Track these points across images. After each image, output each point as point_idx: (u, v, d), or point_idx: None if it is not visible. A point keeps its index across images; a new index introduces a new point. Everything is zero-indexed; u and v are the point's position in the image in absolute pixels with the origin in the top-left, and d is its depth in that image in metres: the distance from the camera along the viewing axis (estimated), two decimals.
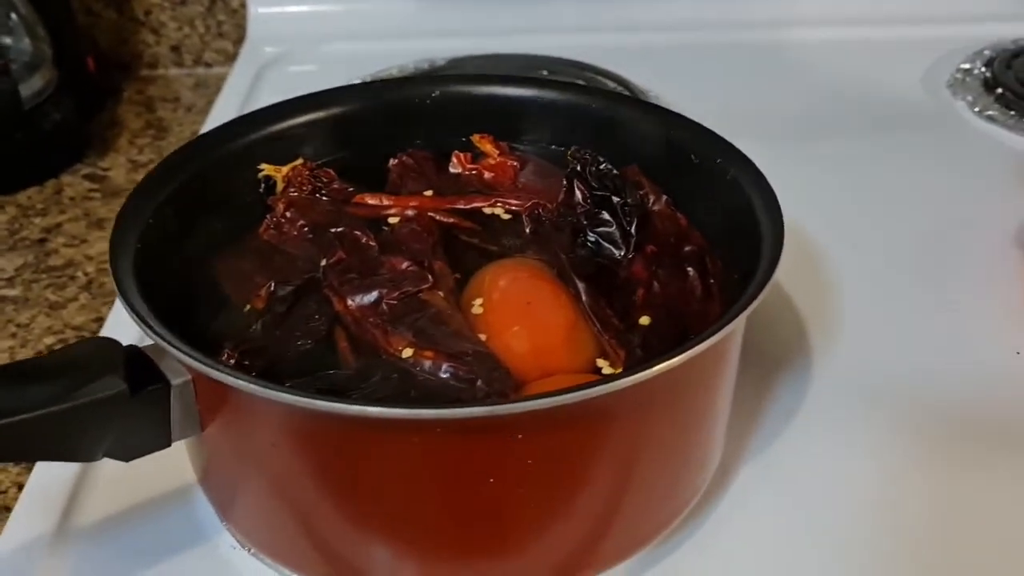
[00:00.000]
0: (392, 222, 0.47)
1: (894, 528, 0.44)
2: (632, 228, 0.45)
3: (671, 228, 0.46)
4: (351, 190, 0.49)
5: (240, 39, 0.89)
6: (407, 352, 0.40)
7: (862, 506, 0.45)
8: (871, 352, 0.53)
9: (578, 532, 0.39)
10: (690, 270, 0.44)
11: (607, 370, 0.40)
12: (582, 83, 0.75)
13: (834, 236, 0.61)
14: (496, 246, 0.46)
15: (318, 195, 0.48)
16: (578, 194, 0.46)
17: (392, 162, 0.51)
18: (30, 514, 0.45)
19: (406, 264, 0.43)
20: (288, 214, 0.47)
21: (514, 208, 0.48)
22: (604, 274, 0.44)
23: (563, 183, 0.47)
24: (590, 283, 0.43)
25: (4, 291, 0.63)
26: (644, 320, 0.42)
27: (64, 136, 0.76)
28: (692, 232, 0.46)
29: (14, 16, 0.74)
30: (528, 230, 0.47)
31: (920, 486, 0.46)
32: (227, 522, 0.43)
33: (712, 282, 0.43)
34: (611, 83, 0.77)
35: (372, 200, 0.48)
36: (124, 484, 0.45)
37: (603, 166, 0.46)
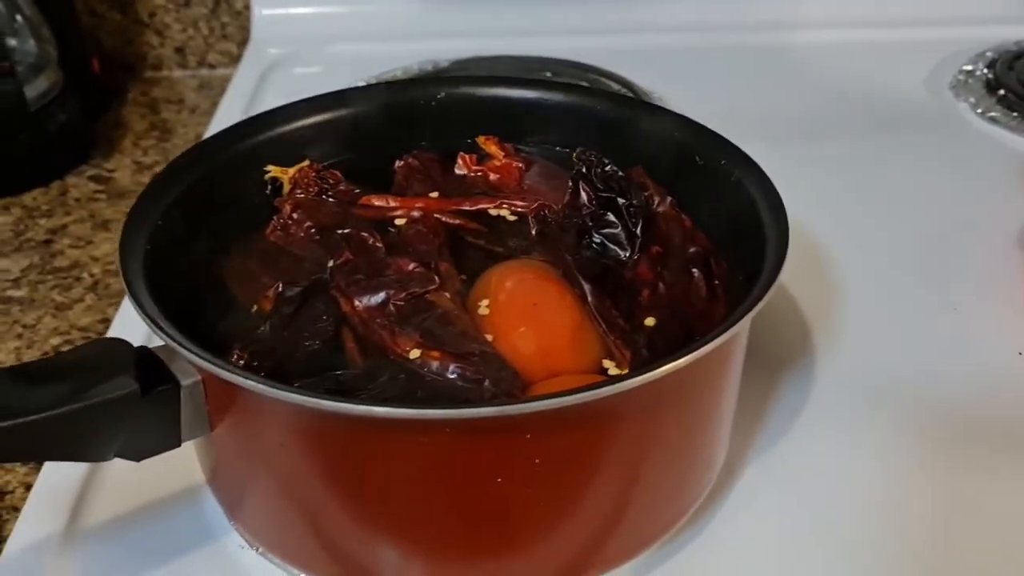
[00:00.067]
0: (398, 223, 0.47)
1: (898, 528, 0.44)
2: (637, 229, 0.45)
3: (676, 229, 0.46)
4: (357, 192, 0.49)
5: (244, 41, 0.90)
6: (414, 353, 0.40)
7: (866, 506, 0.45)
8: (875, 353, 0.53)
9: (585, 531, 0.39)
10: (695, 271, 0.44)
11: (613, 371, 0.41)
12: (586, 85, 0.75)
13: (838, 237, 0.61)
14: (502, 247, 0.46)
15: (325, 196, 0.48)
16: (583, 195, 0.46)
17: (398, 164, 0.51)
18: (39, 514, 0.45)
19: (413, 265, 0.43)
20: (295, 215, 0.47)
21: (520, 209, 0.48)
22: (609, 275, 0.44)
23: (568, 184, 0.47)
24: (596, 284, 0.43)
25: (10, 292, 0.63)
26: (650, 321, 0.42)
27: (69, 137, 0.76)
28: (697, 233, 0.46)
29: (19, 18, 0.74)
30: (534, 231, 0.47)
31: (923, 486, 0.46)
32: (235, 522, 0.43)
33: (717, 283, 0.44)
34: (615, 85, 0.77)
35: (378, 201, 0.48)
36: (132, 484, 0.46)
37: (608, 168, 0.46)
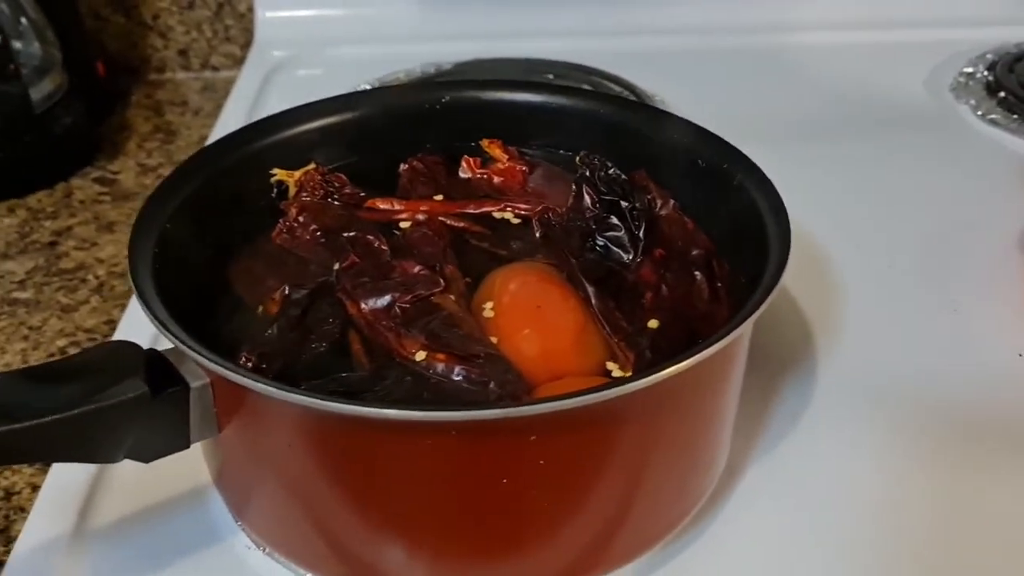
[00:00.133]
0: (403, 226, 0.48)
1: (898, 528, 0.44)
2: (640, 232, 0.45)
3: (679, 232, 0.46)
4: (363, 195, 0.49)
5: (247, 43, 0.90)
6: (420, 355, 0.40)
7: (867, 507, 0.45)
8: (875, 354, 0.54)
9: (589, 532, 0.39)
10: (697, 274, 0.44)
11: (617, 373, 0.41)
12: (588, 88, 0.75)
13: (839, 238, 0.61)
14: (506, 250, 0.47)
15: (330, 199, 0.49)
16: (587, 198, 0.46)
17: (402, 167, 0.51)
18: (47, 515, 0.45)
19: (418, 268, 0.43)
20: (301, 218, 0.47)
21: (523, 212, 0.49)
22: (613, 278, 0.45)
23: (572, 188, 0.47)
24: (599, 287, 0.44)
25: (16, 294, 0.63)
26: (653, 323, 0.42)
27: (74, 140, 0.76)
28: (699, 236, 0.46)
29: (24, 20, 0.74)
30: (538, 234, 0.47)
31: (924, 487, 0.46)
32: (242, 522, 0.43)
33: (719, 285, 0.44)
34: (617, 87, 0.77)
35: (383, 204, 0.49)
36: (139, 485, 0.46)
37: (611, 171, 0.47)
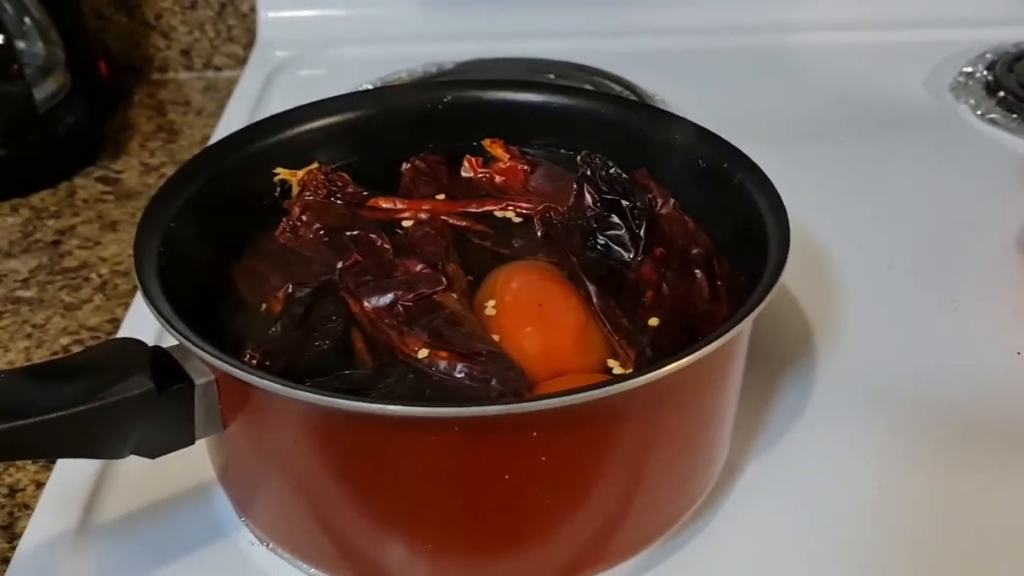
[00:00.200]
0: (406, 225, 0.48)
1: (897, 527, 0.45)
2: (641, 231, 0.46)
3: (679, 231, 0.46)
4: (365, 194, 0.49)
5: (250, 43, 0.90)
6: (422, 352, 0.40)
7: (866, 505, 0.45)
8: (875, 353, 0.54)
9: (589, 528, 0.40)
10: (698, 272, 0.44)
11: (618, 370, 0.41)
12: (590, 88, 0.75)
13: (838, 237, 0.61)
14: (508, 249, 0.47)
15: (333, 199, 0.49)
16: (588, 198, 0.47)
17: (405, 166, 0.51)
18: (52, 512, 0.46)
19: (420, 266, 0.44)
20: (304, 217, 0.47)
21: (525, 211, 0.49)
22: (614, 276, 0.45)
23: (573, 187, 0.47)
24: (600, 285, 0.44)
25: (19, 292, 0.64)
26: (653, 321, 0.43)
27: (77, 139, 0.76)
28: (700, 235, 0.46)
29: (27, 21, 0.75)
30: (539, 233, 0.47)
31: (923, 485, 0.46)
32: (246, 518, 0.43)
33: (719, 284, 0.44)
34: (617, 87, 0.77)
35: (386, 203, 0.49)
36: (143, 482, 0.46)
37: (612, 170, 0.47)
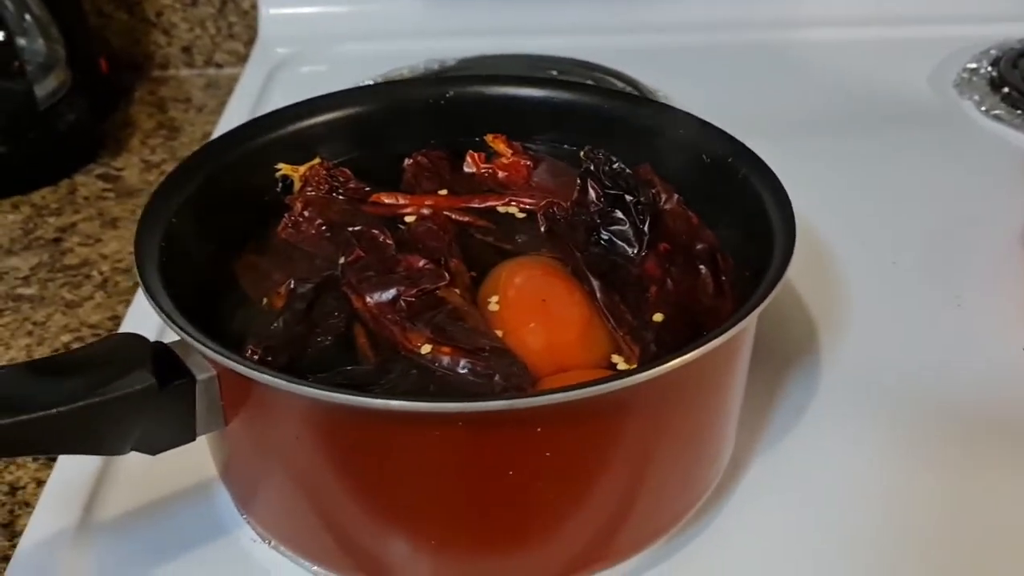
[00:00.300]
0: (408, 221, 0.48)
1: (902, 523, 0.44)
2: (645, 226, 0.45)
3: (683, 226, 0.46)
4: (367, 189, 0.49)
5: (251, 40, 0.90)
6: (425, 348, 0.40)
7: (871, 501, 0.45)
8: (879, 349, 0.54)
9: (594, 524, 0.39)
10: (702, 267, 0.44)
11: (622, 365, 0.41)
12: (591, 83, 0.75)
13: (843, 234, 0.61)
14: (511, 244, 0.47)
15: (335, 194, 0.49)
16: (591, 193, 0.47)
17: (407, 162, 0.51)
18: (52, 509, 0.45)
19: (423, 262, 0.44)
20: (306, 213, 0.47)
21: (528, 207, 0.49)
22: (618, 271, 0.45)
23: (576, 182, 0.47)
24: (604, 280, 0.44)
25: (20, 289, 0.63)
26: (658, 317, 0.42)
27: (78, 136, 0.76)
28: (704, 230, 0.46)
29: (28, 17, 0.74)
30: (542, 228, 0.47)
31: (928, 481, 0.46)
32: (248, 515, 0.43)
33: (724, 279, 0.44)
34: (620, 83, 0.77)
35: (388, 199, 0.49)
36: (144, 479, 0.46)
37: (616, 165, 0.47)
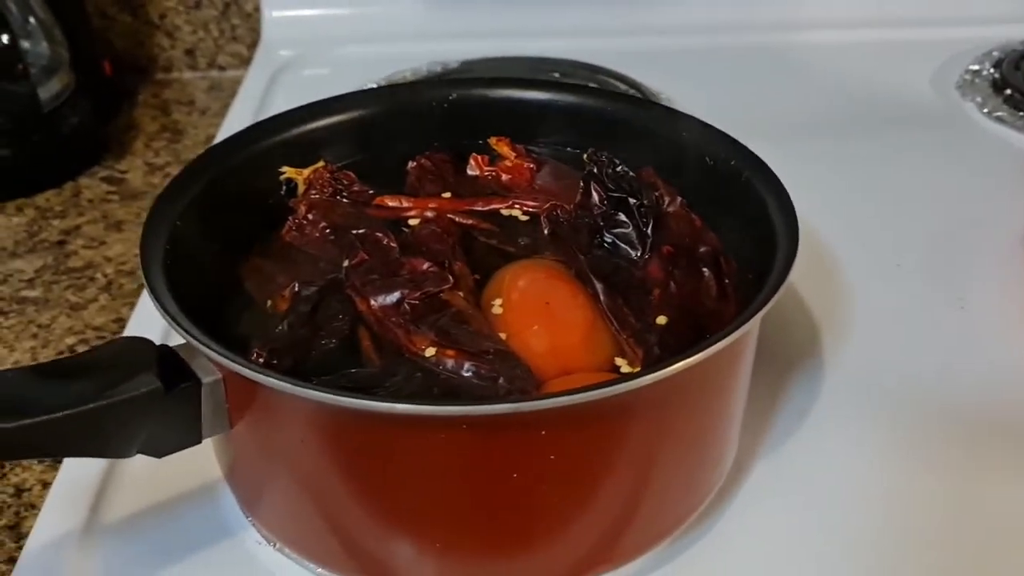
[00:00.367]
0: (412, 223, 0.48)
1: (905, 526, 0.44)
2: (648, 229, 0.45)
3: (686, 229, 0.46)
4: (371, 192, 0.49)
5: (254, 42, 0.90)
6: (430, 351, 0.40)
7: (874, 504, 0.45)
8: (882, 351, 0.54)
9: (598, 527, 0.39)
10: (705, 270, 0.44)
11: (625, 368, 0.41)
12: (594, 86, 0.75)
13: (845, 236, 0.61)
14: (514, 247, 0.47)
15: (339, 197, 0.49)
16: (595, 196, 0.47)
17: (411, 164, 0.51)
18: (59, 511, 0.46)
19: (427, 265, 0.44)
20: (310, 216, 0.47)
21: (531, 209, 0.49)
22: (621, 274, 0.45)
23: (580, 185, 0.47)
24: (608, 283, 0.44)
25: (25, 292, 0.64)
26: (661, 319, 0.42)
27: (82, 139, 0.76)
28: (707, 233, 0.46)
29: (32, 20, 0.75)
30: (546, 231, 0.47)
31: (931, 484, 0.46)
32: (253, 517, 0.43)
33: (727, 282, 0.44)
34: (623, 85, 0.77)
35: (392, 202, 0.49)
36: (150, 481, 0.46)
37: (619, 168, 0.47)
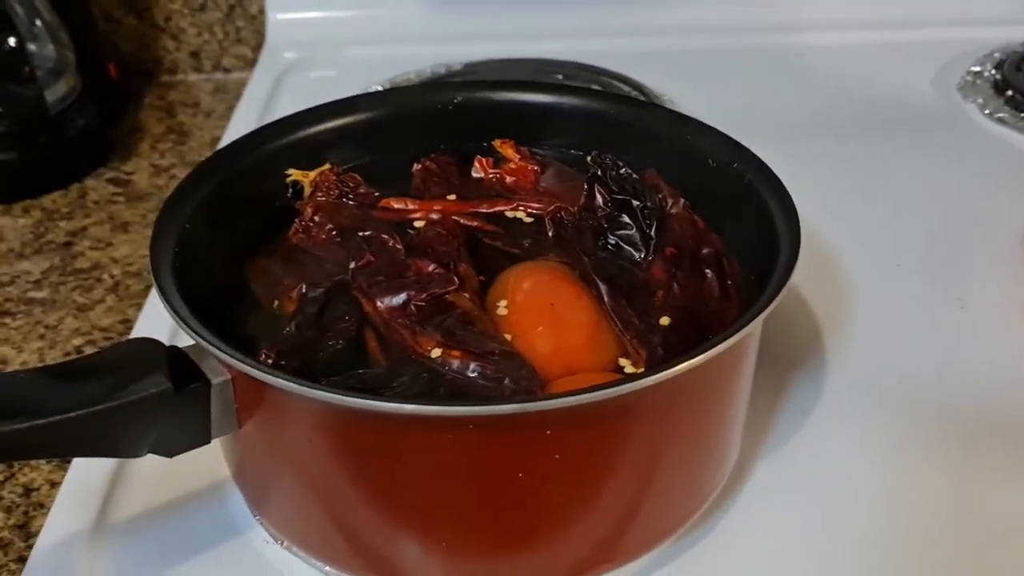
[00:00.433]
0: (417, 225, 0.48)
1: (907, 525, 0.45)
2: (651, 231, 0.46)
3: (689, 231, 0.46)
4: (377, 194, 0.50)
5: (258, 45, 0.90)
6: (435, 352, 0.40)
7: (876, 503, 0.46)
8: (884, 351, 0.54)
9: (602, 526, 0.40)
10: (708, 272, 0.44)
11: (629, 369, 0.41)
12: (598, 88, 0.76)
13: (847, 237, 0.61)
14: (519, 249, 0.47)
15: (345, 199, 0.49)
16: (598, 198, 0.47)
17: (416, 167, 0.51)
18: (68, 510, 0.46)
19: (432, 266, 0.44)
20: (316, 218, 0.48)
21: (536, 211, 0.49)
22: (625, 276, 0.45)
23: (583, 187, 0.48)
24: (611, 284, 0.44)
25: (32, 293, 0.64)
26: (664, 320, 0.43)
27: (88, 141, 0.77)
28: (710, 234, 0.46)
29: (38, 23, 0.75)
30: (550, 233, 0.47)
31: (933, 483, 0.47)
32: (261, 517, 0.44)
33: (730, 283, 0.44)
34: (625, 87, 0.77)
35: (397, 204, 0.49)
36: (158, 481, 0.46)
37: (623, 170, 0.47)
